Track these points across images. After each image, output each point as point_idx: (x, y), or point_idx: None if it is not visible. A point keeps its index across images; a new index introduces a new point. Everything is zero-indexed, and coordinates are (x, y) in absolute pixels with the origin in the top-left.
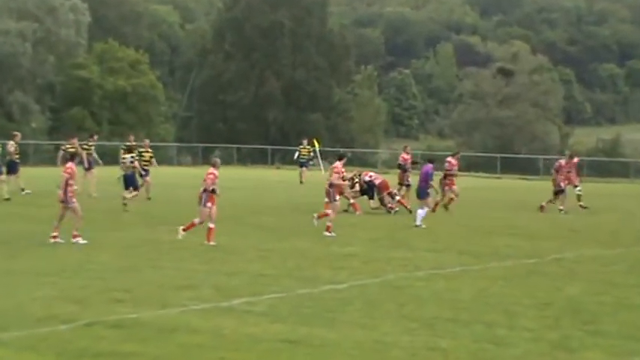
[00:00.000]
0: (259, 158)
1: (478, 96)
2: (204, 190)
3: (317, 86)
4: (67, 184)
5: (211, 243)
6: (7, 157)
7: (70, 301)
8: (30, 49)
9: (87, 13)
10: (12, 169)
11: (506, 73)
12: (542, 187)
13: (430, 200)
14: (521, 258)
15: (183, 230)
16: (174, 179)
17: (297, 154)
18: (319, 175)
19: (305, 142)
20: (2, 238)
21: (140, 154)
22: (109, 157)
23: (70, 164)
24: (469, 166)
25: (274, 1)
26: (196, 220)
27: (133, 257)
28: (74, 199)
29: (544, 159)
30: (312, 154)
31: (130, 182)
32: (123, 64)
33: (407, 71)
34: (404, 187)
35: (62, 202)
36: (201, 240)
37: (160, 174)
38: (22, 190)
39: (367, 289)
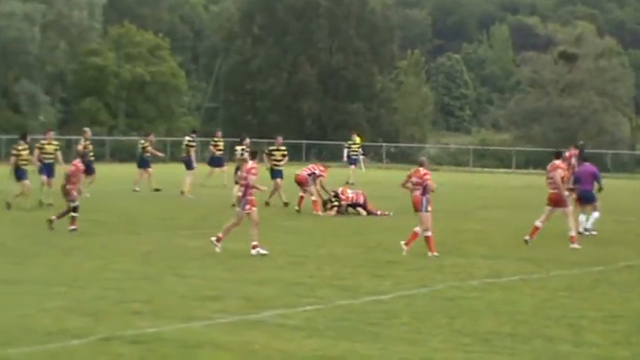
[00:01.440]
0: (293, 154)
1: (537, 83)
2: (423, 194)
3: (357, 73)
4: (247, 187)
5: (435, 253)
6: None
7: (84, 313)
8: (38, 33)
9: None
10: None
11: (569, 58)
12: (610, 185)
13: (599, 203)
14: (587, 265)
15: (405, 245)
16: (197, 178)
17: (346, 152)
18: (360, 174)
19: (355, 136)
20: (6, 244)
21: (270, 153)
22: (125, 154)
23: (251, 164)
24: (528, 162)
25: None
26: (418, 229)
27: (153, 264)
28: (249, 205)
29: (612, 154)
30: (361, 149)
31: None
32: (141, 50)
33: (457, 56)
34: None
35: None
36: (228, 245)
37: (182, 172)
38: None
39: (414, 300)
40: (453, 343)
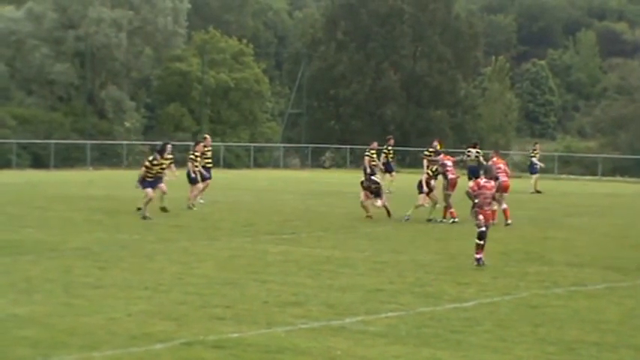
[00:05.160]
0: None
1: (625, 90)
2: None
3: (441, 79)
4: None
5: None
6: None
7: (167, 317)
8: (125, 39)
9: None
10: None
11: None
12: None
13: None
14: None
15: None
16: (280, 184)
17: (534, 160)
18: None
19: (537, 145)
20: (90, 249)
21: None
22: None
23: None
24: (614, 169)
25: None
26: None
27: (235, 270)
28: None
29: None
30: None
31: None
32: (225, 56)
33: (542, 62)
34: None
35: None
36: (307, 251)
37: (264, 177)
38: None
39: (497, 308)
40: (537, 352)
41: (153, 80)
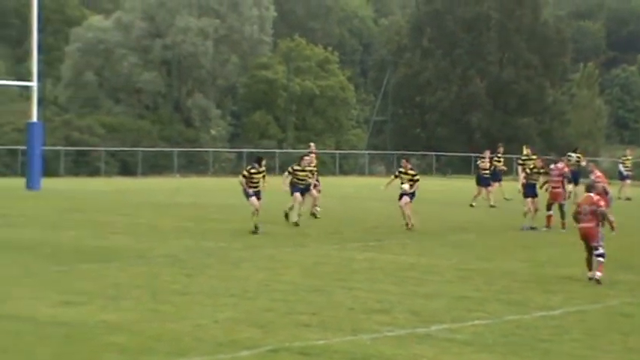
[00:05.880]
0: (461, 167)
1: None
2: None
3: (528, 86)
4: None
5: None
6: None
7: (253, 324)
8: (211, 47)
9: (272, 7)
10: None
11: None
12: None
13: None
14: None
15: None
16: (365, 191)
17: (620, 167)
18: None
19: (629, 151)
20: (177, 256)
21: (524, 163)
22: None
23: None
24: None
25: None
26: None
27: (321, 277)
28: None
29: None
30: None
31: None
32: (310, 64)
33: (632, 68)
34: None
35: None
36: (393, 258)
37: (350, 185)
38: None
39: (586, 316)
40: None
41: (239, 88)
